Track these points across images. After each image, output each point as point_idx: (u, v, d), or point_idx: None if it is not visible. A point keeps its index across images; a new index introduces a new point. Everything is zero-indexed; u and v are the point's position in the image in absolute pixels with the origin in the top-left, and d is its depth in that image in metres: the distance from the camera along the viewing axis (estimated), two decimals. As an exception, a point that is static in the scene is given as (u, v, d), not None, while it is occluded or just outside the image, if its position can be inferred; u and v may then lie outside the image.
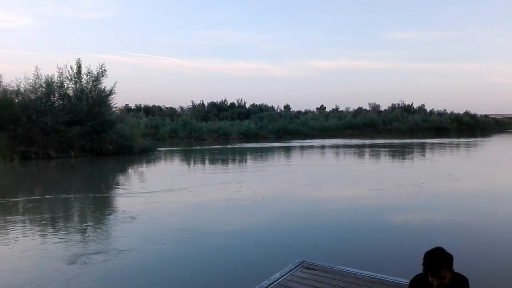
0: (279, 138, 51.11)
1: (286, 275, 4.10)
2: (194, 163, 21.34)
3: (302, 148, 32.68)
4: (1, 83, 21.93)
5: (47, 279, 4.79)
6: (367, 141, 40.76)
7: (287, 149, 31.09)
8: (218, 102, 71.91)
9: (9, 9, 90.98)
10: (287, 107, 78.02)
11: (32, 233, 7.05)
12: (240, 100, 74.02)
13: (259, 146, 34.67)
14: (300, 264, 4.44)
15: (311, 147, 33.86)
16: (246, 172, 16.45)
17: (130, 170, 18.58)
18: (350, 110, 75.11)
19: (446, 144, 34.16)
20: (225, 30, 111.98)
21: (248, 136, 51.63)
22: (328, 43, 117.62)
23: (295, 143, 40.77)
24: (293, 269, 4.29)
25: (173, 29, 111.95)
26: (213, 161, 21.69)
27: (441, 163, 19.90)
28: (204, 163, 21.23)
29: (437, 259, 2.19)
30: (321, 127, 59.30)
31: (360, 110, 72.48)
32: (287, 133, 55.52)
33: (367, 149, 29.92)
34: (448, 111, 69.57)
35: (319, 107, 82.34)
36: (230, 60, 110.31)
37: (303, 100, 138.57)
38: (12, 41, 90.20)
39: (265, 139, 49.70)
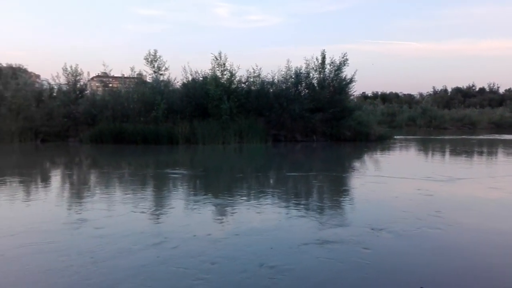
0: (547, 130, 41.64)
1: None
2: (449, 154, 19.53)
3: None
4: (260, 76, 25.61)
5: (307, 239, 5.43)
6: None
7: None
8: (464, 87, 65.09)
9: (265, 10, 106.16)
10: (561, 91, 62.86)
11: (284, 204, 8.12)
12: (492, 85, 64.89)
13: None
14: None
15: None
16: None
17: (376, 156, 18.50)
18: None
19: None
20: (472, 5, 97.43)
21: (501, 126, 44.43)
22: None
23: None
24: None
25: (409, 11, 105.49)
26: (477, 153, 19.66)
27: None
28: (463, 154, 19.16)
29: None
30: None
31: None
32: (561, 124, 44.73)
33: None
34: None
35: None
36: (479, 39, 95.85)
37: None
38: (266, 37, 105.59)
39: (525, 130, 41.40)
